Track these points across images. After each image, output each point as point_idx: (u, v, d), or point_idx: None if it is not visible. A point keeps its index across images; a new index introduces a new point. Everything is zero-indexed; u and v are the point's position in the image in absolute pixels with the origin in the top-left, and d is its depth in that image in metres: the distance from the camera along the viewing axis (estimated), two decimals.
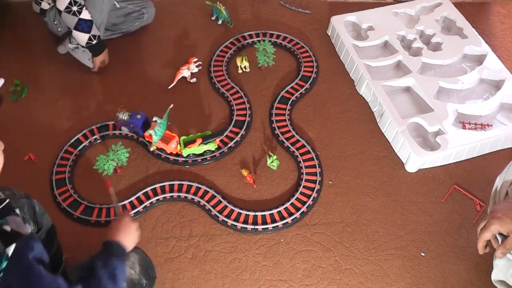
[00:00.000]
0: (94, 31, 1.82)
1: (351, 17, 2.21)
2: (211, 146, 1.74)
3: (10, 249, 0.78)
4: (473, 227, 1.62)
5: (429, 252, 1.56)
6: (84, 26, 1.78)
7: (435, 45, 2.11)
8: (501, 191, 1.33)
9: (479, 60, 2.07)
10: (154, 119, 1.68)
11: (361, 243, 1.57)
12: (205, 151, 1.75)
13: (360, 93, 1.99)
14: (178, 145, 1.72)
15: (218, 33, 2.22)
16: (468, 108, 1.88)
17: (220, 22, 2.25)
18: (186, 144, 1.71)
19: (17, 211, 0.88)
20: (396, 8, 2.25)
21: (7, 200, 0.87)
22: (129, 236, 1.11)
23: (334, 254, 1.54)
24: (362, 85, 1.96)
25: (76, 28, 1.78)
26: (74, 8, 1.72)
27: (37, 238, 0.84)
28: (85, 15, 1.77)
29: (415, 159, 1.71)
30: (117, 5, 2.02)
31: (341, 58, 2.13)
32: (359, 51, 2.06)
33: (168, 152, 1.73)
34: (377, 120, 1.89)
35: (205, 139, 1.71)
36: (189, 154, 1.74)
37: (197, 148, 1.72)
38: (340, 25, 2.15)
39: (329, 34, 2.23)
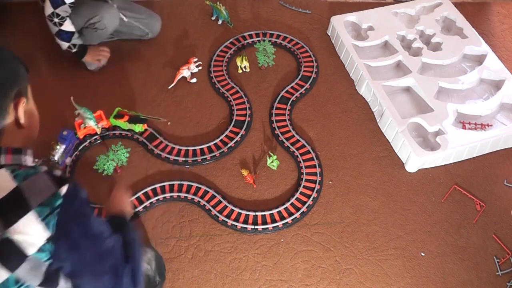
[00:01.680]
0: (75, 40, 1.86)
1: (351, 17, 2.21)
2: (136, 128, 1.79)
3: (63, 189, 0.83)
4: (473, 227, 1.62)
5: (429, 252, 1.56)
6: (64, 36, 1.83)
7: (435, 45, 2.11)
8: None
9: (479, 60, 2.07)
10: (76, 112, 1.72)
11: (361, 243, 1.57)
12: (129, 129, 1.81)
13: (360, 93, 1.99)
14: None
15: (218, 33, 2.22)
16: (468, 108, 1.88)
17: (220, 22, 2.25)
18: (117, 117, 1.78)
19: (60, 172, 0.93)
20: (396, 8, 2.25)
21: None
22: (127, 208, 1.16)
23: (334, 254, 1.54)
24: (362, 85, 1.96)
25: (56, 36, 1.82)
26: (56, 20, 1.77)
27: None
28: (66, 27, 1.80)
29: (415, 159, 1.71)
30: (125, 19, 2.00)
31: (341, 58, 2.13)
32: (359, 51, 2.06)
33: (107, 125, 1.80)
34: (377, 120, 1.89)
35: (134, 120, 1.78)
36: (116, 126, 1.81)
37: (123, 123, 1.78)
38: (340, 25, 2.15)
39: (329, 34, 2.23)
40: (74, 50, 1.89)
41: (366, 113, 1.94)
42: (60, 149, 1.65)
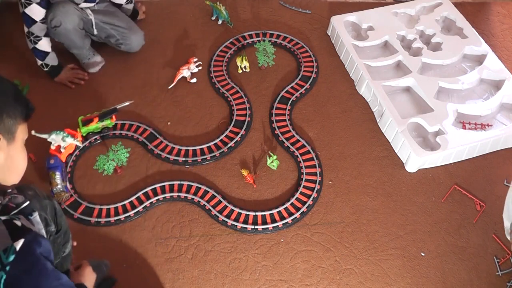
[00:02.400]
0: (48, 60, 1.89)
1: (351, 17, 2.21)
2: (108, 123, 1.77)
3: (19, 244, 0.79)
4: (473, 227, 1.62)
5: (429, 252, 1.56)
6: (38, 54, 1.87)
7: (435, 45, 2.11)
8: None
9: (479, 60, 2.07)
10: (49, 140, 1.65)
11: (361, 243, 1.57)
12: (103, 129, 1.78)
13: (360, 93, 1.99)
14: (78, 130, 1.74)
15: (218, 33, 2.22)
16: (468, 108, 1.88)
17: (220, 22, 2.25)
18: (85, 123, 1.74)
19: (36, 214, 0.89)
20: (396, 8, 2.25)
21: (27, 202, 0.88)
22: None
23: (334, 254, 1.54)
24: (362, 85, 1.96)
25: (32, 51, 1.86)
26: (31, 38, 1.81)
27: (45, 236, 0.86)
28: (41, 46, 1.83)
29: (415, 159, 1.71)
30: (92, 19, 1.93)
31: (341, 58, 2.13)
32: (359, 51, 2.06)
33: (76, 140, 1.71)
34: (377, 120, 1.89)
35: (102, 117, 1.74)
36: (89, 133, 1.76)
37: (95, 126, 1.75)
38: (340, 25, 2.15)
39: (329, 34, 2.23)
40: (45, 70, 1.91)
41: (366, 113, 1.94)
42: (58, 176, 1.61)
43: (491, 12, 2.43)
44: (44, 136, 1.63)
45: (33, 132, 1.52)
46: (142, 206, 1.62)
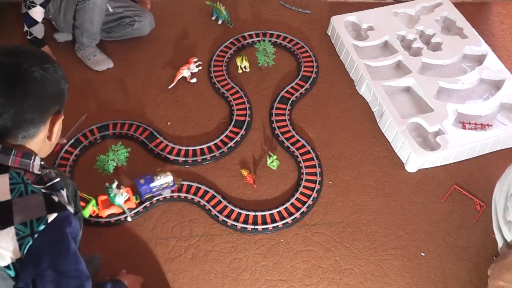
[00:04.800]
0: (34, 30, 1.88)
1: (351, 17, 2.21)
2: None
3: (52, 216, 0.82)
4: (473, 227, 1.62)
5: (429, 252, 1.56)
6: (27, 20, 1.86)
7: (435, 45, 2.11)
8: (499, 204, 1.31)
9: (479, 60, 2.07)
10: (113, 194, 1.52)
11: (361, 243, 1.57)
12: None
13: (360, 93, 1.99)
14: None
15: (218, 33, 2.22)
16: (468, 108, 1.88)
17: (220, 22, 2.25)
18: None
19: (64, 191, 0.93)
20: (396, 8, 2.25)
21: (58, 179, 0.92)
22: None
23: (334, 254, 1.54)
24: (362, 85, 1.96)
25: (23, 16, 1.86)
26: (28, 2, 1.81)
27: (76, 218, 0.89)
28: (34, 13, 1.83)
29: (415, 159, 1.71)
30: (110, 10, 2.00)
31: (341, 58, 2.13)
32: (359, 51, 2.06)
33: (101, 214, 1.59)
34: (377, 120, 1.89)
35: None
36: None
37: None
38: (340, 25, 2.15)
39: (329, 34, 2.23)
40: (28, 37, 1.91)
41: (366, 113, 1.94)
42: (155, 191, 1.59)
43: (491, 12, 2.43)
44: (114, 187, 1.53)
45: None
46: (142, 206, 1.62)
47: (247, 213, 1.61)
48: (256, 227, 1.58)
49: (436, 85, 1.93)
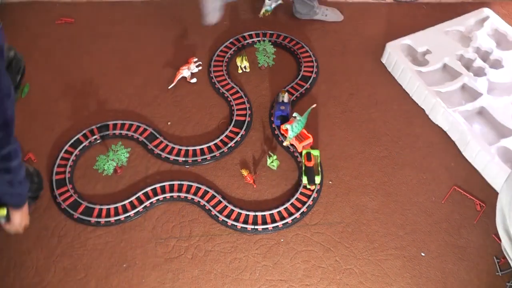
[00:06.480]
0: None
1: (407, 40, 2.08)
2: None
3: None
4: (473, 227, 1.62)
5: (429, 252, 1.56)
6: None
7: (494, 62, 1.99)
8: (507, 205, 1.28)
9: None
10: (294, 115, 1.72)
11: (361, 243, 1.57)
12: None
13: (436, 123, 1.89)
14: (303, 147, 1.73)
15: (218, 33, 2.22)
16: None
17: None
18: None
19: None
20: (447, 27, 2.12)
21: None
22: None
23: (334, 254, 1.54)
24: (438, 114, 1.87)
25: None
26: None
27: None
28: None
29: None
30: None
31: (403, 87, 2.01)
32: (421, 77, 1.95)
33: (299, 150, 1.75)
34: (461, 150, 1.81)
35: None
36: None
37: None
38: (398, 52, 2.03)
39: (384, 62, 2.11)
40: None
41: (367, 113, 1.94)
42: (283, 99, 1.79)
43: None
44: (305, 114, 1.74)
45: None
46: (142, 206, 1.62)
47: (247, 213, 1.61)
48: (256, 227, 1.59)
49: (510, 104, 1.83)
